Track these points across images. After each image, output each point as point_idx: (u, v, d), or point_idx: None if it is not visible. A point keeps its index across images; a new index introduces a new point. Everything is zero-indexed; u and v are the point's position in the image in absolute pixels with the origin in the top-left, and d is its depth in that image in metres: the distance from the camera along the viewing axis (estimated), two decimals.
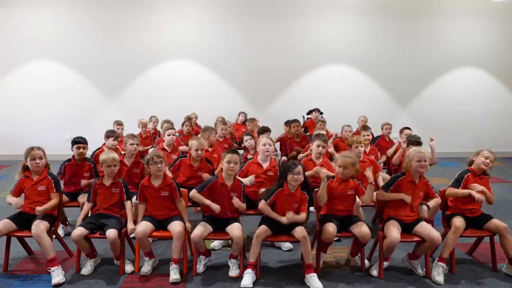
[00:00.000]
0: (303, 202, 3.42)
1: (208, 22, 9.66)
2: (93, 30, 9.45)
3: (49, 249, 3.30)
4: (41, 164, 3.55)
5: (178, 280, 3.29)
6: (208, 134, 5.05)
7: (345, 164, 3.45)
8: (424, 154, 3.42)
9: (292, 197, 3.40)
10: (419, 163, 3.39)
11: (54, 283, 3.22)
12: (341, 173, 3.48)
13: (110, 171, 3.58)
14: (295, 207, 3.41)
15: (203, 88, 9.68)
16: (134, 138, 4.49)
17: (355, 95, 9.89)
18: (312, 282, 3.18)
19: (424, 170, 3.43)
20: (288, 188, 3.40)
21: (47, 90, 9.48)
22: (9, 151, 9.22)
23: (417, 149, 3.53)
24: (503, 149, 10.04)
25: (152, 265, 3.50)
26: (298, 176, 3.34)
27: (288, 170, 3.36)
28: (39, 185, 3.54)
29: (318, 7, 9.70)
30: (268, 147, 4.15)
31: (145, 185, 3.55)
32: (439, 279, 3.28)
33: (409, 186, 3.45)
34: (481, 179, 3.63)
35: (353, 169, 3.47)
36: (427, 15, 9.89)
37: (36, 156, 3.52)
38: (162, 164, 3.52)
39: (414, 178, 3.45)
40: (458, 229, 3.35)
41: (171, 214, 3.54)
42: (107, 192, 3.58)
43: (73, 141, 4.34)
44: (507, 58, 10.13)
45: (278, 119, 7.26)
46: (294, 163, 3.40)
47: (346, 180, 3.51)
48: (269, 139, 4.21)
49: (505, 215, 5.18)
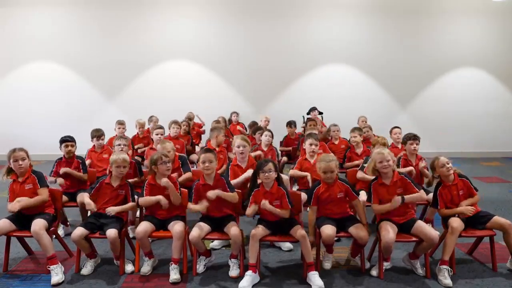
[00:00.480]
0: (282, 197, 3.42)
1: (208, 22, 9.66)
2: (93, 30, 9.45)
3: (48, 247, 3.30)
4: (24, 165, 3.55)
5: (178, 280, 3.29)
6: (216, 134, 5.13)
7: (327, 169, 3.44)
8: (384, 154, 3.39)
9: (270, 194, 3.41)
10: (381, 164, 3.38)
11: (54, 282, 3.22)
12: (324, 178, 3.48)
13: (120, 172, 3.59)
14: (277, 205, 3.41)
15: (203, 88, 9.68)
16: (122, 139, 4.61)
17: (355, 95, 9.89)
18: (314, 280, 3.18)
19: (387, 170, 3.39)
20: (264, 187, 3.43)
21: (47, 90, 9.48)
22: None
23: (378, 150, 3.53)
24: (503, 149, 10.05)
25: (152, 265, 3.50)
26: (270, 174, 3.37)
27: (259, 169, 3.40)
28: (26, 184, 3.55)
29: (318, 7, 9.70)
30: (242, 148, 4.22)
31: (151, 183, 3.56)
32: (447, 282, 3.23)
33: (381, 188, 3.44)
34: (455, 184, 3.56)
35: (335, 171, 3.45)
36: (427, 15, 9.89)
37: (18, 157, 3.53)
38: (170, 163, 3.58)
39: (383, 180, 3.43)
40: (455, 230, 3.35)
41: (172, 213, 3.54)
42: (113, 193, 3.59)
43: (61, 140, 4.42)
44: (507, 58, 10.12)
45: (278, 119, 7.26)
46: (266, 161, 3.45)
47: (332, 184, 3.49)
48: (243, 141, 4.24)
49: (505, 215, 5.12)
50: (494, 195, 6.14)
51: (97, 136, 5.12)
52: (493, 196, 6.00)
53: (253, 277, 3.23)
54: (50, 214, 3.58)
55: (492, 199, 5.86)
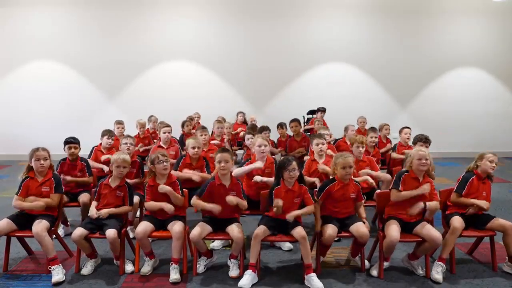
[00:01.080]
0: (305, 194, 3.43)
1: (208, 22, 9.66)
2: (93, 30, 9.45)
3: (50, 249, 3.31)
4: (46, 165, 3.55)
5: (178, 280, 3.29)
6: (200, 133, 5.07)
7: (346, 164, 3.44)
8: (425, 153, 3.41)
9: (291, 192, 3.40)
10: (420, 161, 3.38)
11: (54, 282, 3.22)
12: (343, 175, 3.45)
13: (119, 172, 3.59)
14: (297, 202, 3.41)
15: (203, 88, 9.68)
16: (129, 138, 4.59)
17: (355, 95, 9.89)
18: (312, 282, 3.18)
19: (425, 169, 3.41)
20: (285, 185, 3.41)
21: (47, 90, 9.48)
22: (9, 151, 9.24)
23: (418, 148, 3.53)
24: (503, 149, 10.04)
25: (152, 266, 3.50)
26: (294, 172, 3.35)
27: (283, 167, 3.38)
28: (43, 186, 3.55)
29: (318, 7, 9.70)
30: (264, 148, 4.12)
31: (151, 184, 3.55)
32: (438, 277, 3.29)
33: (413, 182, 3.43)
34: (484, 183, 3.63)
35: (353, 166, 3.47)
36: (427, 15, 9.89)
37: (41, 157, 3.53)
38: (167, 162, 3.54)
39: (417, 175, 3.43)
40: (456, 230, 3.35)
41: (172, 213, 3.53)
42: (112, 194, 3.58)
43: (65, 141, 4.39)
44: (507, 58, 10.13)
45: (278, 119, 7.24)
46: (288, 159, 3.41)
47: (348, 183, 3.49)
48: (264, 140, 4.17)
49: (505, 215, 5.16)
50: (494, 195, 6.08)
51: (108, 135, 5.10)
52: (493, 196, 5.90)
53: (252, 276, 3.24)
54: (52, 216, 3.58)
55: (492, 199, 5.82)
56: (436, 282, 3.27)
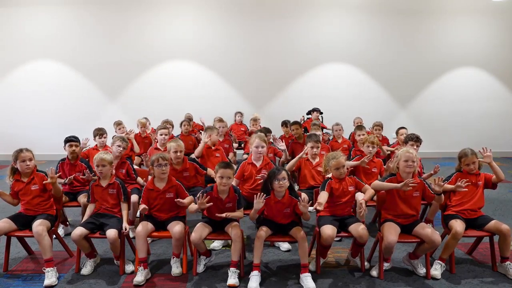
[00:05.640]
0: (295, 206, 3.35)
1: (208, 22, 9.66)
2: (93, 30, 9.45)
3: (47, 249, 3.30)
4: (31, 166, 3.54)
5: (179, 274, 3.32)
6: (210, 133, 5.10)
7: (339, 164, 3.47)
8: (412, 154, 3.36)
9: (281, 204, 3.37)
10: (406, 163, 3.35)
11: (46, 285, 3.20)
12: (337, 175, 3.49)
13: (99, 171, 3.59)
14: (288, 212, 3.40)
15: (203, 88, 9.68)
16: (123, 141, 4.51)
17: (355, 95, 9.89)
18: (306, 282, 3.18)
19: (411, 171, 3.36)
20: (275, 196, 3.37)
21: (47, 90, 9.48)
22: (9, 151, 9.06)
23: (406, 148, 3.52)
24: (503, 149, 10.04)
25: (145, 276, 3.30)
26: (284, 182, 3.30)
27: (273, 178, 3.32)
28: (31, 185, 3.54)
29: (318, 7, 9.69)
30: (261, 149, 4.15)
31: (149, 188, 3.53)
32: (436, 273, 3.33)
33: None
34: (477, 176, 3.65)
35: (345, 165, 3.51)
36: (427, 15, 9.89)
37: (26, 158, 3.52)
38: (166, 166, 3.52)
39: (403, 179, 3.36)
40: (458, 234, 3.33)
41: (173, 215, 3.54)
42: (104, 193, 3.59)
43: (66, 140, 4.39)
44: (507, 58, 10.12)
45: (278, 119, 7.26)
46: (278, 169, 3.36)
47: (343, 179, 3.53)
48: (262, 141, 4.17)
49: (505, 215, 5.17)
50: (494, 195, 6.13)
51: (99, 134, 5.13)
52: (493, 196, 5.98)
53: (258, 277, 3.24)
54: (52, 215, 3.59)
55: (492, 199, 5.85)
56: (434, 278, 3.30)
